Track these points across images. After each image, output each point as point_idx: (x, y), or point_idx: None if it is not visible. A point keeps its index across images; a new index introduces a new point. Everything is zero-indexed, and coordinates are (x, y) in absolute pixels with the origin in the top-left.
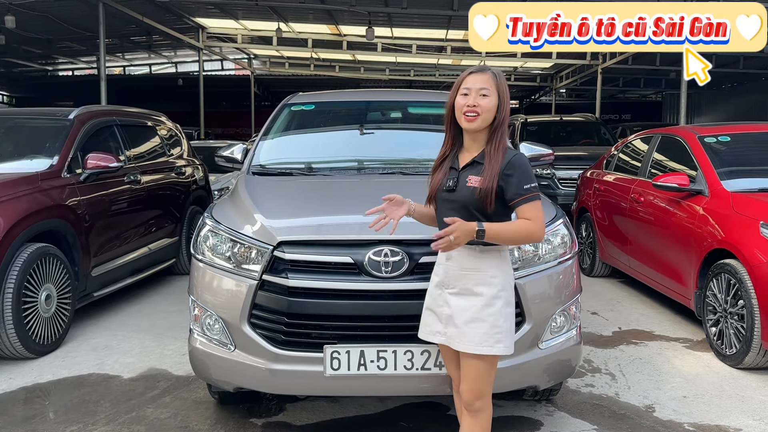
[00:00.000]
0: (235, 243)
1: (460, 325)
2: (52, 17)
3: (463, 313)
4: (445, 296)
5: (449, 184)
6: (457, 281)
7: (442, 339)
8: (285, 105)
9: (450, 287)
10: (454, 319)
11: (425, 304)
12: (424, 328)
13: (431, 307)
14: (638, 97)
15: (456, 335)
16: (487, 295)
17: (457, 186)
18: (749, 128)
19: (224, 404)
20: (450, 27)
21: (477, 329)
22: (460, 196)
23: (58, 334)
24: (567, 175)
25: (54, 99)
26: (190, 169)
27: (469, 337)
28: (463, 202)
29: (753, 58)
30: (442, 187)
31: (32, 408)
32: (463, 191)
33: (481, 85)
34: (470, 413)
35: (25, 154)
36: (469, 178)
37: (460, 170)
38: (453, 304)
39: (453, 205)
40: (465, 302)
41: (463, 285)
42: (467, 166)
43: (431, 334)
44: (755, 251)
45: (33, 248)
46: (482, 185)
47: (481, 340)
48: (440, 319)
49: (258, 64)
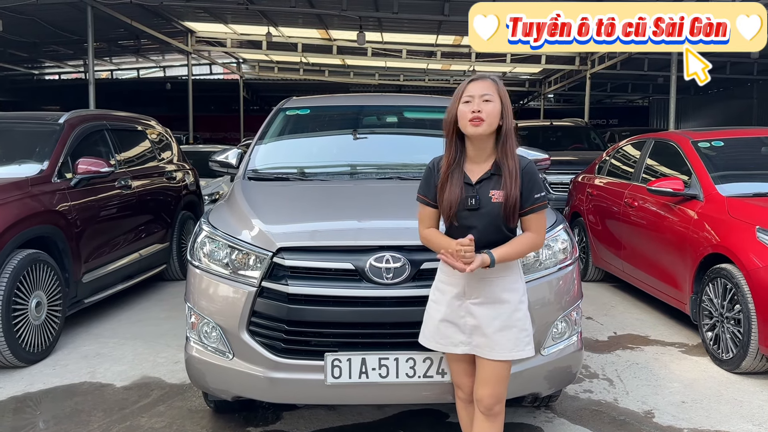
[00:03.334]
0: (233, 249)
1: (491, 334)
2: (39, 21)
3: (493, 321)
4: (467, 307)
5: (472, 202)
6: (480, 291)
7: (467, 349)
8: (280, 109)
9: (472, 297)
10: (482, 329)
11: (439, 316)
12: (442, 340)
13: (450, 319)
14: (625, 102)
15: (486, 344)
16: (513, 301)
17: (481, 203)
18: (742, 133)
19: (220, 413)
20: (440, 32)
21: (508, 336)
22: (486, 213)
23: (49, 342)
24: (558, 179)
25: (40, 103)
26: (181, 174)
27: (501, 344)
28: (491, 218)
29: (739, 63)
30: (462, 205)
31: (23, 418)
32: (488, 207)
33: (483, 91)
34: (488, 418)
35: (15, 159)
36: (492, 193)
37: (476, 185)
38: (479, 314)
39: (480, 222)
40: (492, 311)
41: (488, 294)
42: (483, 180)
43: (452, 345)
44: (751, 256)
45: (23, 255)
46: (507, 200)
47: (513, 346)
48: (463, 330)
49: (247, 68)
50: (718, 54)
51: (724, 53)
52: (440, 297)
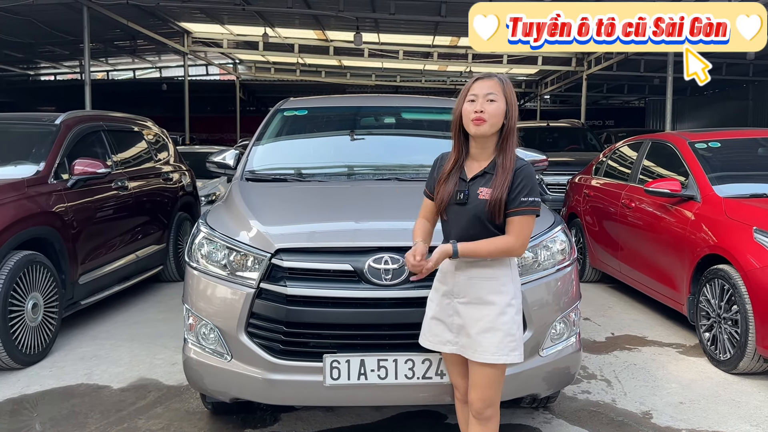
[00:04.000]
0: (231, 250)
1: (474, 335)
2: (35, 21)
3: (477, 322)
4: (454, 306)
5: (460, 197)
6: (468, 291)
7: (454, 348)
8: (278, 110)
9: (460, 297)
10: (466, 329)
11: (431, 313)
12: (432, 338)
13: (439, 317)
14: (621, 103)
15: (469, 345)
16: (500, 303)
17: (469, 198)
18: (739, 134)
19: (218, 414)
20: (437, 33)
21: (491, 339)
22: (472, 208)
23: (45, 344)
24: (555, 180)
25: (36, 104)
26: (178, 175)
27: (484, 346)
28: (475, 213)
29: (736, 65)
30: (452, 199)
31: (19, 420)
32: (475, 203)
33: (487, 91)
34: (480, 421)
35: (11, 160)
36: (480, 190)
37: (469, 181)
38: (464, 314)
39: (464, 217)
40: (477, 312)
41: (474, 294)
42: (477, 177)
43: (441, 344)
44: (749, 256)
45: (19, 256)
46: (491, 197)
47: (496, 349)
48: (450, 329)
49: (243, 69)
50: (714, 55)
51: (720, 54)
52: (433, 295)
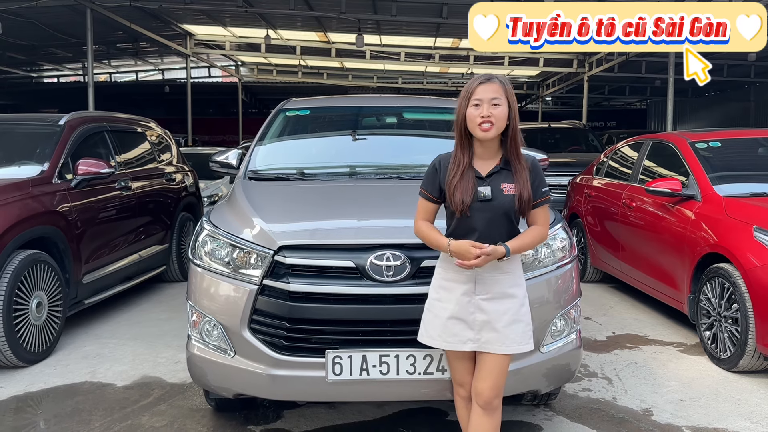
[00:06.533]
0: (234, 248)
1: (501, 328)
2: (38, 23)
3: (503, 316)
4: (476, 303)
5: (485, 194)
6: (491, 287)
7: (474, 346)
8: (280, 110)
9: (482, 294)
10: (492, 324)
11: (447, 313)
12: (450, 338)
13: (459, 316)
14: (623, 105)
15: (496, 339)
16: (520, 295)
17: (493, 194)
18: (739, 134)
19: (221, 411)
20: (438, 35)
21: (517, 329)
22: (499, 204)
23: (49, 342)
24: (556, 181)
25: (39, 106)
26: (180, 176)
27: (511, 338)
28: (503, 209)
29: (737, 66)
30: (476, 197)
31: (24, 417)
32: (500, 199)
33: (492, 95)
34: (487, 412)
35: (15, 160)
36: (503, 185)
37: (486, 177)
38: (489, 309)
39: (491, 213)
40: (501, 306)
41: (497, 290)
42: (494, 173)
43: (461, 343)
44: (749, 255)
45: (24, 255)
46: (521, 193)
47: (521, 339)
48: (471, 327)
49: (245, 71)
50: (716, 56)
51: (721, 55)
52: (446, 295)
